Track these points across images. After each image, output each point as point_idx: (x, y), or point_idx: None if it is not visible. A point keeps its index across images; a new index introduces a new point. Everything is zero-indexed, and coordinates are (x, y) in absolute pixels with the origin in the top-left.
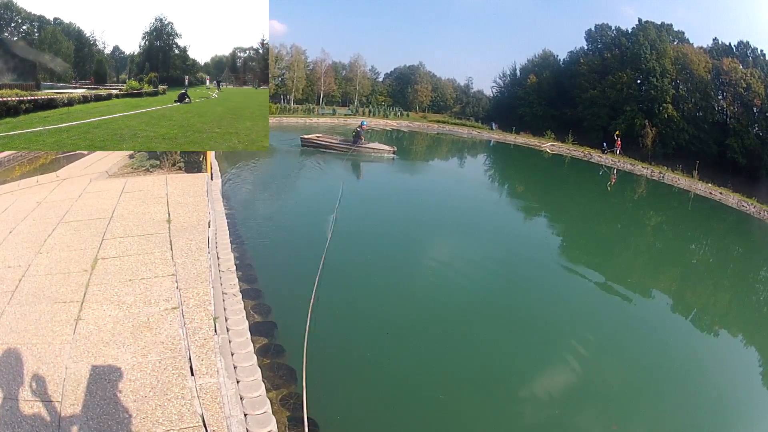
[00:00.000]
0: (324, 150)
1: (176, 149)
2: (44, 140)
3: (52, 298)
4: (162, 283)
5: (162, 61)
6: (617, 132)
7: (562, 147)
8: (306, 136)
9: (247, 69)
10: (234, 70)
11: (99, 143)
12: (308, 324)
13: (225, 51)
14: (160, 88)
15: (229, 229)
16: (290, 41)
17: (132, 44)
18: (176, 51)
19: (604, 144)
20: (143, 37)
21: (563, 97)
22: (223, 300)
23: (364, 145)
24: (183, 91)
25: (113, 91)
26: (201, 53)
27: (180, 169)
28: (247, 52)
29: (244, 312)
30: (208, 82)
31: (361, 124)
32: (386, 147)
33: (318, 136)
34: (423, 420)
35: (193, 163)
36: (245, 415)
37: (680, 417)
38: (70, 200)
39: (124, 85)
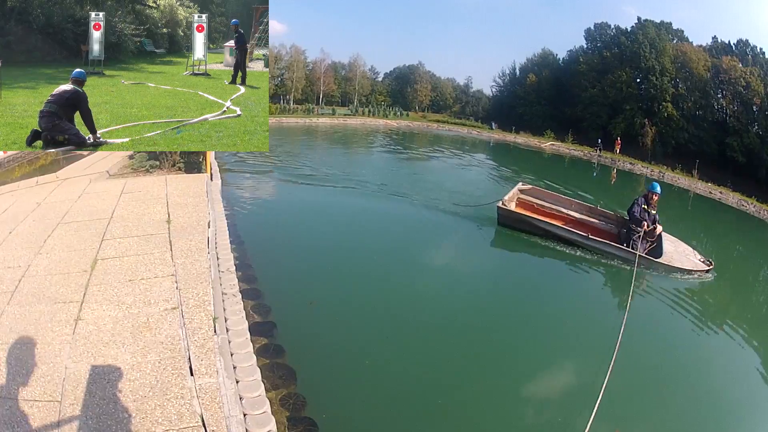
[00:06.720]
0: (541, 235)
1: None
2: None
3: (51, 298)
4: (162, 283)
5: None
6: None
7: (561, 146)
8: (507, 207)
9: None
10: None
11: None
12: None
13: None
14: None
15: (228, 229)
16: (290, 41)
17: None
18: None
19: (599, 141)
20: None
21: (563, 97)
22: (223, 300)
23: (654, 248)
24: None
25: None
26: None
27: (180, 169)
28: None
29: (244, 312)
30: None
31: (650, 189)
32: (698, 259)
33: (519, 203)
34: (423, 422)
35: (192, 164)
36: (244, 415)
37: (683, 420)
38: (69, 201)
39: None
